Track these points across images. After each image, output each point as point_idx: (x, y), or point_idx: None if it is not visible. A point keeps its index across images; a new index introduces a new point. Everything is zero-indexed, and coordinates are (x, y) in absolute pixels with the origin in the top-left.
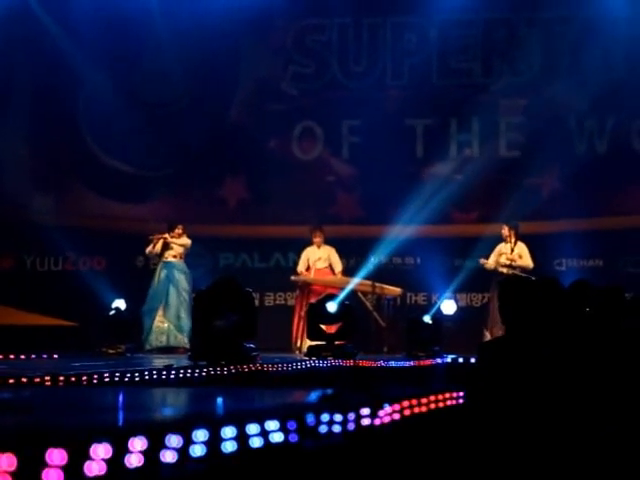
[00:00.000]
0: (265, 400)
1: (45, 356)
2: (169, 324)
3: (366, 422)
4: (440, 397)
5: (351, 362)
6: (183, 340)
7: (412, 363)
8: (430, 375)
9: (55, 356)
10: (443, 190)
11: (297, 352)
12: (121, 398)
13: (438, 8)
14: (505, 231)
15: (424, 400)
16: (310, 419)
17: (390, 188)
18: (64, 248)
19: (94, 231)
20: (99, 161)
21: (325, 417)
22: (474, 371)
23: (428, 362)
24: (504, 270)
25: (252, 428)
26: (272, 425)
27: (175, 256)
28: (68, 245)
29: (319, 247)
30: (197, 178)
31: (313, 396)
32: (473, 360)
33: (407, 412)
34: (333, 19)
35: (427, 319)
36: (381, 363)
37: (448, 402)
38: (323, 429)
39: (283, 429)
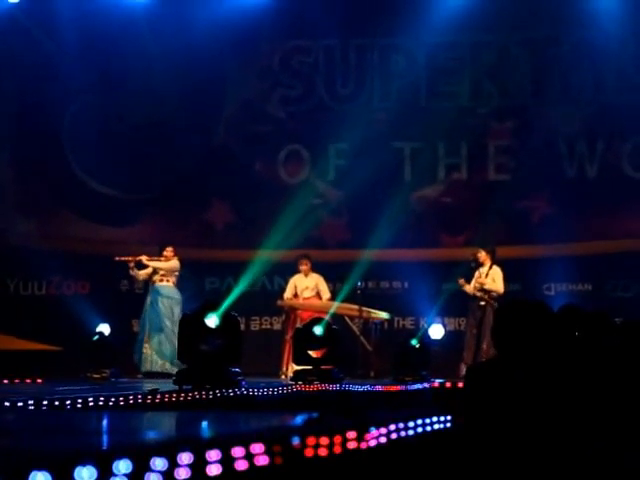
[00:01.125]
0: (250, 423)
1: (29, 381)
2: (151, 350)
3: (352, 445)
4: (427, 421)
5: (337, 386)
6: (164, 366)
7: (399, 387)
8: (417, 400)
9: (39, 381)
10: (431, 213)
11: (283, 377)
12: (105, 422)
13: (426, 30)
14: (482, 255)
15: (411, 424)
16: (296, 442)
17: (377, 212)
18: (48, 272)
19: (78, 255)
20: (83, 184)
21: (311, 440)
22: (462, 395)
23: (415, 386)
24: (478, 294)
25: (237, 451)
26: (257, 448)
27: (162, 279)
28: (52, 269)
29: (306, 275)
30: (183, 201)
31: (299, 419)
32: (460, 385)
33: (394, 436)
34: (320, 40)
35: (414, 343)
36: (368, 387)
37: (435, 426)
38: (309, 452)
39: (268, 452)
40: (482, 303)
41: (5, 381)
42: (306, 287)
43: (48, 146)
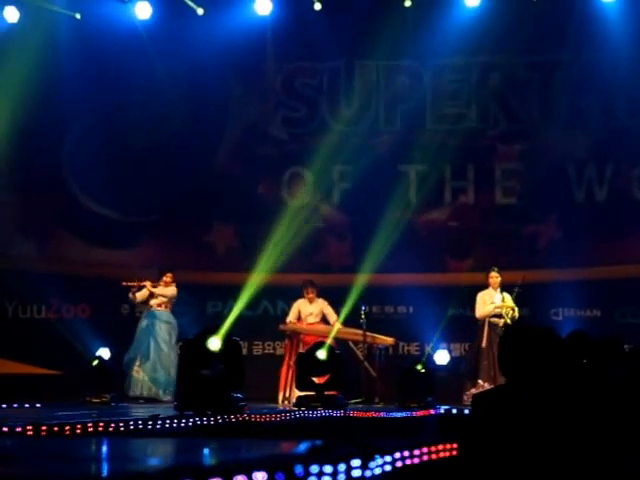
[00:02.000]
0: (252, 451)
1: (27, 405)
2: (144, 375)
3: (357, 474)
4: (433, 449)
5: (342, 413)
6: (158, 393)
7: (404, 414)
8: (423, 426)
9: (38, 405)
10: (437, 237)
11: (285, 402)
12: (106, 448)
13: (432, 51)
14: (497, 277)
15: (416, 452)
16: (299, 470)
17: (382, 236)
18: (47, 295)
19: (78, 278)
20: (83, 206)
21: (314, 468)
22: (468, 422)
23: (421, 413)
24: (495, 320)
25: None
26: (260, 476)
27: (160, 305)
28: (51, 292)
29: (311, 302)
30: (184, 224)
31: (302, 447)
32: (466, 411)
33: (399, 464)
34: (324, 62)
35: (420, 368)
36: (372, 414)
37: (441, 454)
38: None
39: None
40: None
41: (3, 405)
42: (310, 313)
43: (48, 168)
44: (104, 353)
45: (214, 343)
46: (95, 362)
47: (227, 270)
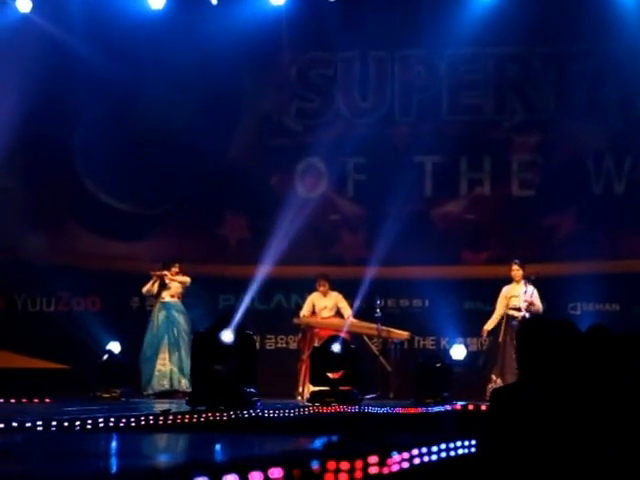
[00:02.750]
0: (267, 446)
1: (37, 400)
2: (172, 367)
3: (374, 470)
4: (451, 445)
5: (356, 408)
6: (186, 384)
7: (420, 410)
8: (439, 423)
9: (47, 400)
10: (453, 230)
11: (299, 397)
12: (116, 444)
13: (448, 41)
14: (518, 269)
15: (434, 448)
16: (316, 466)
17: (397, 228)
18: (57, 288)
19: (88, 270)
20: (94, 198)
21: (331, 465)
22: (486, 418)
23: (437, 409)
24: (516, 314)
25: (255, 476)
26: (276, 472)
27: (173, 296)
28: (61, 285)
29: (325, 295)
30: (196, 216)
31: (318, 443)
32: (484, 407)
33: (416, 461)
34: (338, 52)
35: (437, 364)
36: (388, 410)
37: (459, 451)
38: (329, 477)
39: (288, 476)
40: None
41: (12, 400)
42: (325, 307)
43: (59, 160)
44: (114, 347)
45: (227, 336)
46: (105, 357)
47: (239, 262)
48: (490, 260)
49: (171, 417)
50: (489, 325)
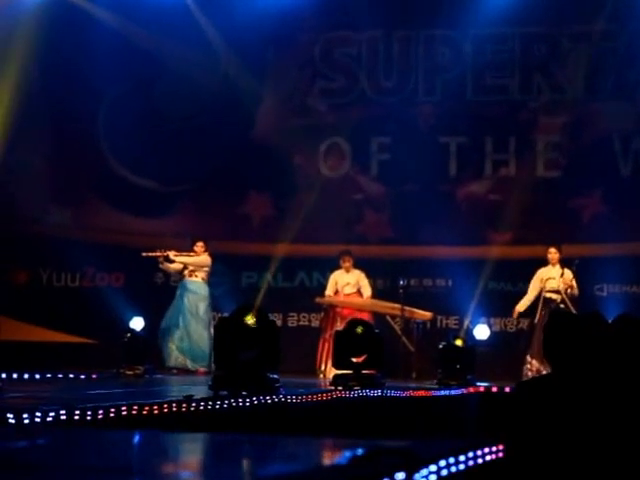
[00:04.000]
0: (288, 460)
1: (60, 376)
2: (181, 347)
3: None
4: (479, 452)
5: (379, 392)
6: (185, 362)
7: (443, 393)
8: (463, 406)
9: (71, 376)
10: (477, 210)
11: (321, 376)
12: (140, 449)
13: (473, 21)
14: (554, 252)
15: (462, 457)
16: None
17: (421, 208)
18: (81, 263)
19: (113, 246)
20: (118, 175)
21: None
22: (513, 418)
23: (460, 392)
24: (553, 296)
25: None
26: None
27: (190, 274)
28: (86, 260)
29: (348, 272)
30: (220, 193)
31: (343, 458)
32: (507, 389)
33: (444, 472)
34: (362, 32)
35: (459, 343)
36: (410, 393)
37: (487, 457)
38: None
39: None
40: (562, 306)
41: (36, 376)
42: (347, 283)
43: (83, 136)
44: (138, 323)
45: (250, 321)
46: (128, 335)
47: (262, 241)
48: (514, 241)
49: (194, 404)
50: (521, 306)
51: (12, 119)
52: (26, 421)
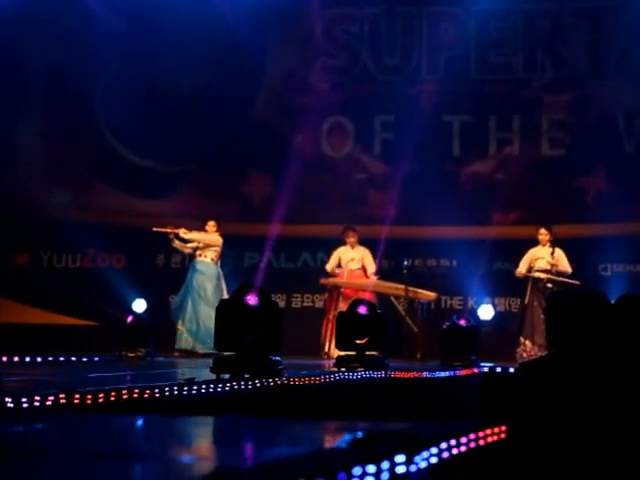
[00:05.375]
0: (290, 441)
1: (62, 359)
2: (183, 328)
3: (401, 470)
4: (480, 434)
5: (382, 374)
6: (194, 345)
7: (447, 374)
8: (466, 387)
9: (72, 359)
10: (481, 190)
11: (325, 357)
12: (142, 433)
13: None
14: (545, 234)
15: (463, 439)
16: (341, 476)
17: (425, 187)
18: (82, 245)
19: (113, 227)
20: (118, 155)
21: (357, 471)
22: (516, 398)
23: (464, 372)
24: (541, 275)
25: None
26: None
27: (200, 255)
28: (86, 242)
29: (353, 247)
30: (221, 173)
31: (344, 441)
32: (511, 370)
33: (445, 454)
34: (365, 8)
35: (462, 324)
36: (414, 374)
37: (489, 439)
38: None
39: None
40: (549, 285)
41: (38, 359)
42: (352, 259)
43: (82, 116)
44: (139, 304)
45: (252, 301)
46: (130, 318)
47: (264, 221)
48: (519, 220)
49: (195, 387)
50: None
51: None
52: (25, 405)
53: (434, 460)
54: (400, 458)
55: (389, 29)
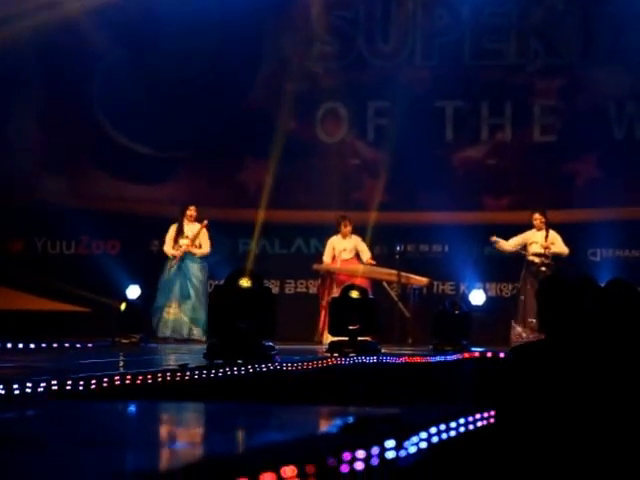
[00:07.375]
0: (280, 428)
1: (55, 345)
2: (183, 316)
3: (391, 455)
4: (470, 419)
5: (374, 359)
6: (200, 333)
7: (439, 359)
8: (458, 372)
9: (66, 345)
10: (473, 175)
11: (319, 343)
12: (134, 420)
13: None
14: (540, 218)
15: (453, 424)
16: (331, 461)
17: (417, 173)
18: (77, 231)
19: (108, 214)
20: (113, 141)
21: (347, 455)
22: (506, 383)
23: (455, 357)
24: (536, 259)
25: (267, 477)
26: (289, 471)
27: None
28: (81, 228)
29: (345, 237)
30: (216, 160)
31: (334, 426)
32: (502, 355)
33: (435, 439)
34: None
35: (454, 309)
36: (406, 359)
37: (478, 424)
38: (345, 468)
39: (301, 475)
40: (543, 269)
41: (32, 345)
42: (344, 249)
43: (77, 102)
44: (133, 291)
45: (245, 281)
46: (123, 305)
47: (259, 207)
48: (510, 206)
49: (188, 373)
50: (502, 243)
51: None
52: (16, 392)
53: (424, 445)
54: (390, 443)
55: (383, 15)
